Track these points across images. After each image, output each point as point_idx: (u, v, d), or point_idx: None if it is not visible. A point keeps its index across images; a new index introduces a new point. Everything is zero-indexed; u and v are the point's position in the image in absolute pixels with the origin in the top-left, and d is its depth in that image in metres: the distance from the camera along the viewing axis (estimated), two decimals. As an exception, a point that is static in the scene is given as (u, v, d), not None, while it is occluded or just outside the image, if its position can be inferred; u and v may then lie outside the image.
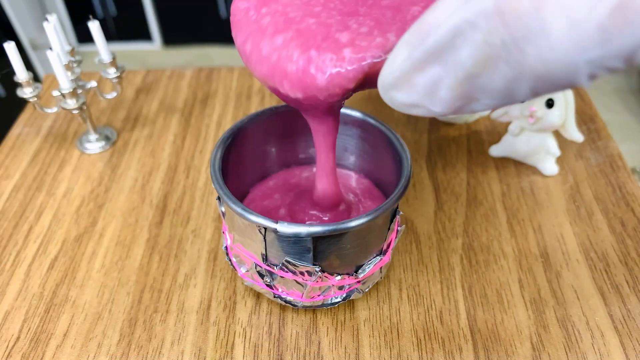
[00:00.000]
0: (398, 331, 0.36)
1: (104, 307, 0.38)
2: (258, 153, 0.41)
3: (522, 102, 0.20)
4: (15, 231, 0.44)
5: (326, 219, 0.37)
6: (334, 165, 0.34)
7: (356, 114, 0.39)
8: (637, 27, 0.16)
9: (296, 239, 0.31)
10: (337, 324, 0.37)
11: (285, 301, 0.36)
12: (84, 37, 1.76)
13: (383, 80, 0.22)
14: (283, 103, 0.35)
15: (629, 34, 0.16)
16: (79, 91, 0.48)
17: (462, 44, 0.18)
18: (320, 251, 0.32)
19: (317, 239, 0.31)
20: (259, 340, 0.36)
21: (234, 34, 0.28)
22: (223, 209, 0.36)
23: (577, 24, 0.16)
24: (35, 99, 0.47)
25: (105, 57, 0.50)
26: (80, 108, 0.48)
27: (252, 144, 0.40)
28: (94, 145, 0.52)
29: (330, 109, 0.28)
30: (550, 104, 0.43)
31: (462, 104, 0.21)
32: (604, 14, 0.16)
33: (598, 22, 0.16)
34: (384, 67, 0.22)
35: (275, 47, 0.25)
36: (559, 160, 0.49)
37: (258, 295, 0.39)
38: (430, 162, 0.50)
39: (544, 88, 0.18)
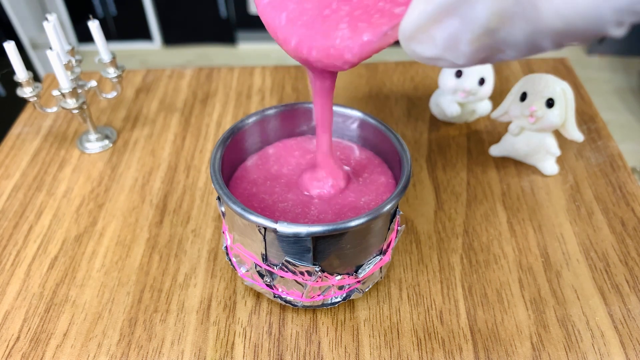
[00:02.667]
0: (398, 331, 0.36)
1: (104, 306, 0.38)
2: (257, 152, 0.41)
3: (551, 51, 0.19)
4: (15, 231, 0.44)
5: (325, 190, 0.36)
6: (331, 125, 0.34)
7: (356, 113, 0.39)
8: None
9: (296, 239, 0.31)
10: (337, 324, 0.37)
11: (285, 301, 0.36)
12: (84, 36, 1.76)
13: (402, 31, 0.22)
14: (283, 102, 0.35)
15: None
16: (79, 91, 0.48)
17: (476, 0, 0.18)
18: (320, 251, 0.32)
19: (317, 238, 0.31)
20: (259, 340, 0.36)
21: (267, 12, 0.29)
22: (223, 209, 0.36)
23: None
24: (35, 98, 0.47)
25: (105, 57, 0.50)
26: (80, 108, 0.48)
27: (251, 143, 0.40)
28: (94, 144, 0.52)
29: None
30: (550, 103, 0.43)
31: (486, 56, 0.20)
32: None
33: None
34: (403, 19, 0.22)
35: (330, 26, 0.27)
36: (559, 160, 0.49)
37: (258, 295, 0.39)
38: (430, 161, 0.50)
39: (568, 40, 0.18)
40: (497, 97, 0.54)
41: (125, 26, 1.75)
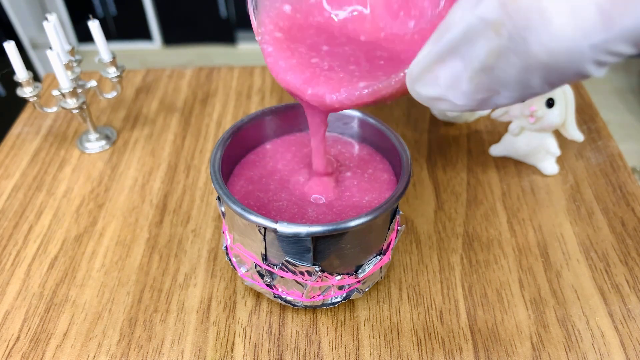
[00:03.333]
0: (398, 331, 0.36)
1: (104, 306, 0.38)
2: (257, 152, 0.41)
3: (542, 94, 0.21)
4: (15, 231, 0.44)
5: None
6: (325, 144, 0.36)
7: (356, 113, 0.39)
8: (638, 7, 0.16)
9: (296, 239, 0.31)
10: (337, 324, 0.37)
11: (285, 301, 0.36)
12: (84, 36, 1.76)
13: (410, 73, 0.24)
14: (283, 102, 0.35)
15: (631, 15, 0.16)
16: (79, 90, 0.48)
17: (477, 39, 0.20)
18: (320, 251, 0.32)
19: (317, 238, 0.31)
20: (259, 340, 0.36)
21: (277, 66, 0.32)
22: (223, 209, 0.36)
23: (577, 8, 0.16)
24: (35, 98, 0.47)
25: (105, 57, 0.50)
26: (80, 107, 0.48)
27: (251, 143, 0.40)
28: (94, 144, 0.52)
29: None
30: (550, 103, 0.43)
31: (484, 97, 0.22)
32: None
33: (598, 5, 0.16)
34: (412, 62, 0.24)
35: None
36: (559, 160, 0.49)
37: (258, 295, 0.39)
38: (431, 161, 0.50)
39: (555, 78, 0.19)
40: (497, 97, 0.54)
41: (125, 26, 1.75)
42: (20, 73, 0.46)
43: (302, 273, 0.33)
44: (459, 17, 0.20)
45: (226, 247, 0.37)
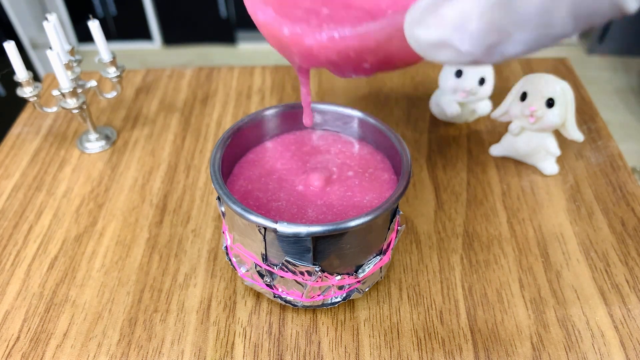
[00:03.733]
0: (398, 331, 0.36)
1: (104, 306, 0.38)
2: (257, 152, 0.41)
3: (561, 38, 0.18)
4: (15, 231, 0.44)
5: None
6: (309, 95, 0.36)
7: (356, 113, 0.39)
8: None
9: (296, 239, 0.31)
10: (337, 324, 0.37)
11: (285, 301, 0.36)
12: (84, 36, 1.76)
13: (411, 14, 0.21)
14: (283, 102, 0.35)
15: None
16: (79, 90, 0.48)
17: None
18: (320, 251, 0.32)
19: (317, 238, 0.31)
20: (259, 340, 0.36)
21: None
22: (223, 209, 0.36)
23: None
24: (35, 98, 0.47)
25: (105, 57, 0.50)
26: (80, 107, 0.48)
27: (251, 143, 0.40)
28: (94, 144, 0.52)
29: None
30: (550, 103, 0.43)
31: (493, 41, 0.19)
32: None
33: None
34: (413, 4, 0.21)
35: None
36: (559, 160, 0.49)
37: (258, 295, 0.39)
38: (431, 161, 0.50)
39: (584, 9, 0.17)
40: (497, 97, 0.54)
41: (125, 26, 1.75)
42: (20, 73, 0.46)
43: (302, 273, 0.33)
44: None
45: (226, 247, 0.37)
